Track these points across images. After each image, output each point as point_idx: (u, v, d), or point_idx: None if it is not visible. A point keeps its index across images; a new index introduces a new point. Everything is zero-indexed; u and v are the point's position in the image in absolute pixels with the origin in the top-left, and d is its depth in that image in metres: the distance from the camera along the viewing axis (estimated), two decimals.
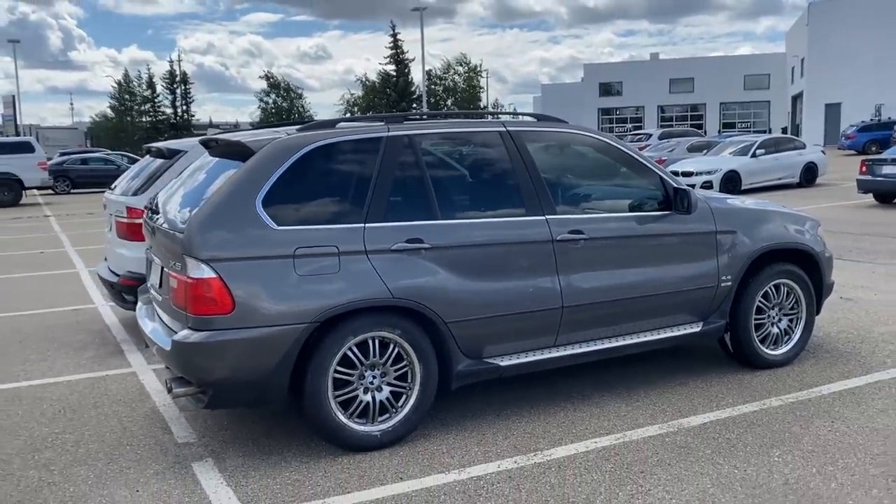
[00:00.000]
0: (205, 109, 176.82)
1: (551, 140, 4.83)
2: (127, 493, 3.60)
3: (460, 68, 71.77)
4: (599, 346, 4.60)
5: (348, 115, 64.34)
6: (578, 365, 4.81)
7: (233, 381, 3.75)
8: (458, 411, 4.55)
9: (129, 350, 6.10)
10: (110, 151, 36.69)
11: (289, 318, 3.74)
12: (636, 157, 4.85)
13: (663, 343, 4.86)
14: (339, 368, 3.90)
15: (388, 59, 65.09)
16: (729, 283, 4.96)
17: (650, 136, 30.89)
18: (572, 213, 4.55)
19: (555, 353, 4.47)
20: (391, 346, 4.02)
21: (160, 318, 4.31)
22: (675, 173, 20.34)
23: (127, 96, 77.73)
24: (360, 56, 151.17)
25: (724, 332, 5.09)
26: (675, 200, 4.75)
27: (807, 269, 5.33)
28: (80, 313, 7.63)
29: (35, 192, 26.58)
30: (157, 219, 4.29)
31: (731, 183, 19.63)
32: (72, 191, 29.15)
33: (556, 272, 4.39)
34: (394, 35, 63.96)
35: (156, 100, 77.31)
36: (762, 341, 5.18)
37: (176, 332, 3.83)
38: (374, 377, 4.01)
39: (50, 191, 28.08)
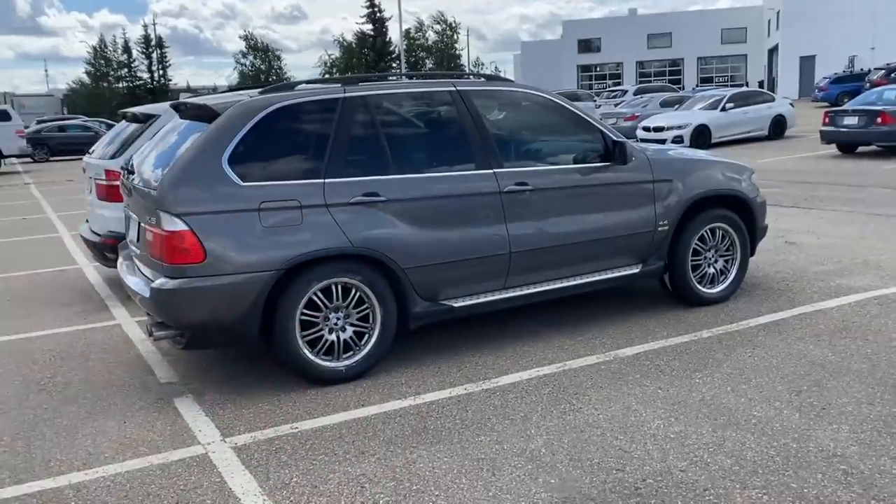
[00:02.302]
0: (182, 73, 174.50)
1: (499, 98, 5.20)
2: (115, 424, 4.02)
3: (437, 27, 71.33)
4: (545, 287, 5.03)
5: (326, 76, 63.96)
6: (531, 305, 5.25)
7: (207, 323, 4.15)
8: (419, 349, 4.98)
9: (112, 305, 6.48)
10: (87, 118, 36.53)
11: (256, 267, 4.13)
12: (578, 112, 5.23)
13: (605, 284, 5.30)
14: (306, 311, 4.31)
15: (364, 18, 64.59)
16: (666, 228, 5.39)
17: (626, 91, 31.20)
18: (518, 166, 4.94)
19: (504, 295, 4.90)
20: (353, 291, 4.43)
21: (140, 270, 4.68)
22: (647, 128, 20.77)
23: (102, 62, 76.79)
24: (336, 15, 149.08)
25: (663, 272, 5.54)
26: (613, 152, 5.15)
27: (741, 213, 5.76)
28: (65, 273, 7.99)
29: (14, 160, 26.64)
30: (133, 178, 4.64)
31: (702, 137, 20.06)
32: (50, 158, 29.18)
33: (504, 221, 4.80)
34: None
35: (132, 65, 76.41)
36: (699, 281, 5.63)
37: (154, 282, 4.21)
38: (338, 319, 4.42)
39: (29, 159, 28.12)
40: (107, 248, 6.44)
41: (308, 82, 4.75)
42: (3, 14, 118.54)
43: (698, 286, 5.62)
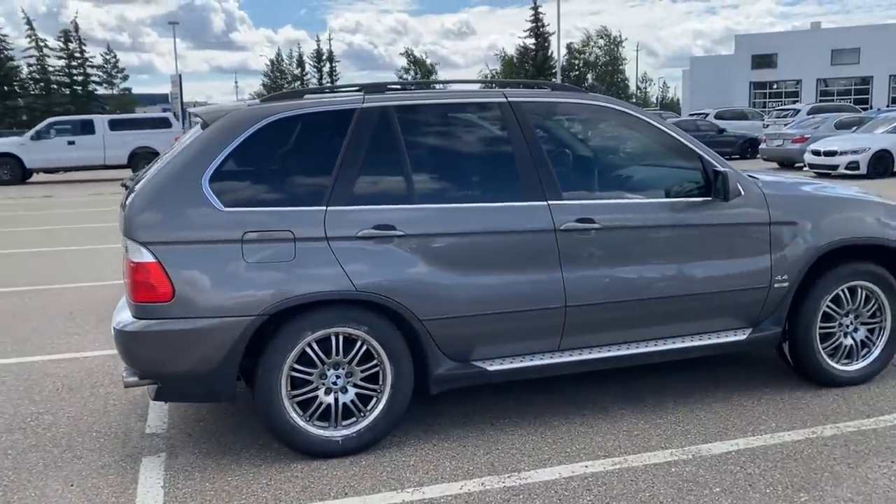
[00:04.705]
0: None
1: (564, 112, 4.21)
2: (60, 487, 3.41)
3: (601, 41, 69.60)
4: (614, 353, 3.97)
5: None
6: (609, 371, 4.22)
7: (175, 374, 3.46)
8: (450, 415, 4.07)
9: None
10: None
11: (234, 310, 3.40)
12: (670, 132, 4.12)
13: (698, 352, 4.14)
14: (297, 366, 3.53)
15: (527, 33, 64.16)
16: (786, 285, 4.16)
17: (797, 111, 28.40)
18: (583, 198, 3.92)
19: (557, 359, 3.89)
20: (358, 344, 3.60)
21: None
22: (817, 152, 18.59)
23: (278, 74, 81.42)
24: (504, 31, 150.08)
25: (780, 341, 4.30)
26: (714, 184, 4.00)
27: (894, 269, 4.40)
28: None
29: None
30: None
31: (882, 163, 17.69)
32: None
33: (560, 266, 3.80)
34: (535, 8, 62.94)
35: (304, 78, 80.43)
36: (830, 354, 4.33)
37: None
38: (337, 377, 3.61)
39: None
40: None
41: (324, 90, 3.98)
42: (200, 30, 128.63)
43: (829, 361, 4.32)
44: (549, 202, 3.80)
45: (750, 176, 4.30)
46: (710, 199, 4.04)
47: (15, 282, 8.11)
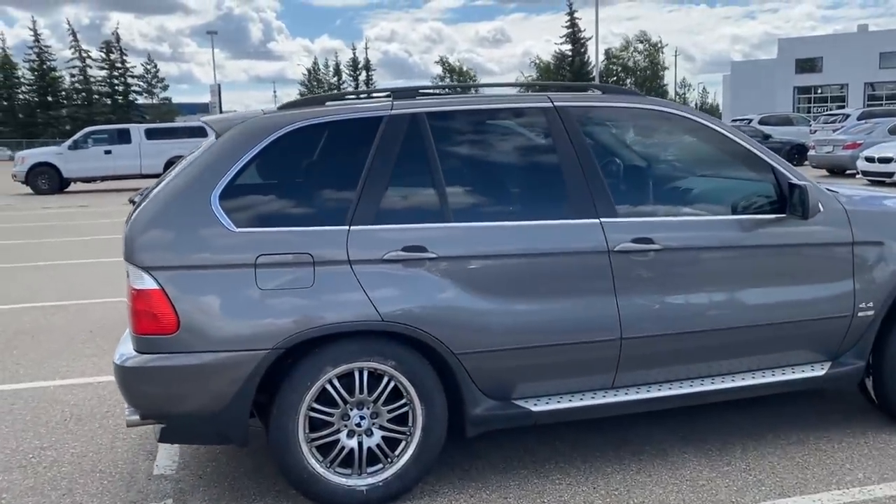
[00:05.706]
0: None
1: (617, 118, 3.76)
2: None
3: (640, 46, 68.73)
4: (676, 391, 3.50)
5: None
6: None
7: (180, 414, 3.09)
8: (489, 460, 3.64)
9: None
10: None
11: (245, 343, 3.02)
12: (738, 140, 3.65)
13: (771, 389, 3.66)
14: (316, 406, 3.14)
15: (563, 39, 63.61)
16: (871, 313, 3.66)
17: (847, 116, 27.40)
18: (641, 215, 3.47)
19: (610, 399, 3.43)
20: (385, 381, 3.19)
21: None
22: (871, 159, 17.81)
23: (315, 83, 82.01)
24: (539, 38, 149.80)
25: (863, 376, 3.80)
26: (790, 199, 3.52)
27: None
28: None
29: None
30: None
31: None
32: None
33: (614, 293, 3.35)
34: (570, 13, 62.34)
35: (341, 87, 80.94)
36: None
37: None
38: (361, 418, 3.20)
39: None
40: None
41: (345, 95, 3.59)
42: (238, 41, 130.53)
43: None
44: (602, 220, 3.35)
45: (829, 190, 3.80)
46: (784, 216, 3.57)
47: (40, 296, 7.87)
